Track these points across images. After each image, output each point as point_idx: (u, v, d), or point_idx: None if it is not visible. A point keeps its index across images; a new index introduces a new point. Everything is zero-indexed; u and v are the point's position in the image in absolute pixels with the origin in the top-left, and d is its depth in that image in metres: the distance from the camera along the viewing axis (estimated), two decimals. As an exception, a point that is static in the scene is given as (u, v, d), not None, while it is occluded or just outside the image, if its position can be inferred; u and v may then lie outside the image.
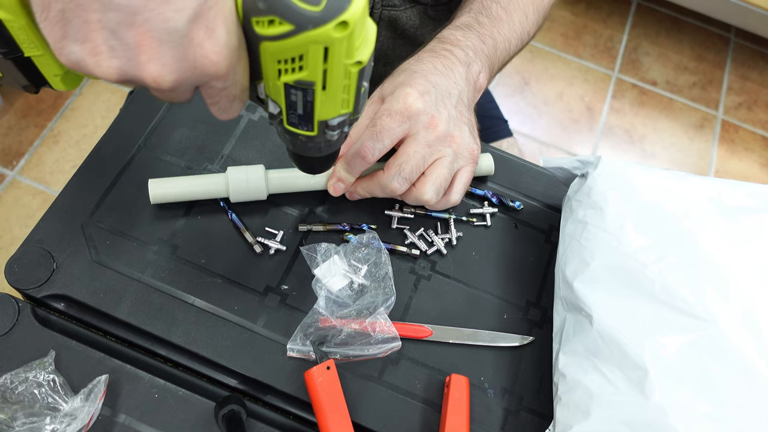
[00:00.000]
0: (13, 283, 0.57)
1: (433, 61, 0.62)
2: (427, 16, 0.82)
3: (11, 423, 0.50)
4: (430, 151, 0.59)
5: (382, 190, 0.60)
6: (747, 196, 0.57)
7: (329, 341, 0.57)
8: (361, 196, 0.63)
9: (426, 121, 0.59)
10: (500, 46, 0.68)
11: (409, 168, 0.58)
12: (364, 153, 0.58)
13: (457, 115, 0.61)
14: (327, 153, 0.49)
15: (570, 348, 0.54)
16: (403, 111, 0.58)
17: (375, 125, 0.58)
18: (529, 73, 2.01)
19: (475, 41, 0.65)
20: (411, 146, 0.58)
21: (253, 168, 0.62)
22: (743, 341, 0.49)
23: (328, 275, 0.60)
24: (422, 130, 0.59)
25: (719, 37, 2.17)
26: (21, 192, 1.61)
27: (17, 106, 1.72)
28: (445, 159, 0.60)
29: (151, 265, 0.60)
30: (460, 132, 0.60)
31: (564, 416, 0.52)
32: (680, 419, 0.47)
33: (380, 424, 0.56)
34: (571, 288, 0.56)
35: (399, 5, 0.79)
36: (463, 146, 0.61)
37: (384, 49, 0.84)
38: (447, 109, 0.60)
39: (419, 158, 0.58)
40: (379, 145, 0.58)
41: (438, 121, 0.59)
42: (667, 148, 1.95)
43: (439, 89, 0.60)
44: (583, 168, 0.62)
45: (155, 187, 0.61)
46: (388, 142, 0.58)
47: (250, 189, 0.61)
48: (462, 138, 0.61)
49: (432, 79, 0.60)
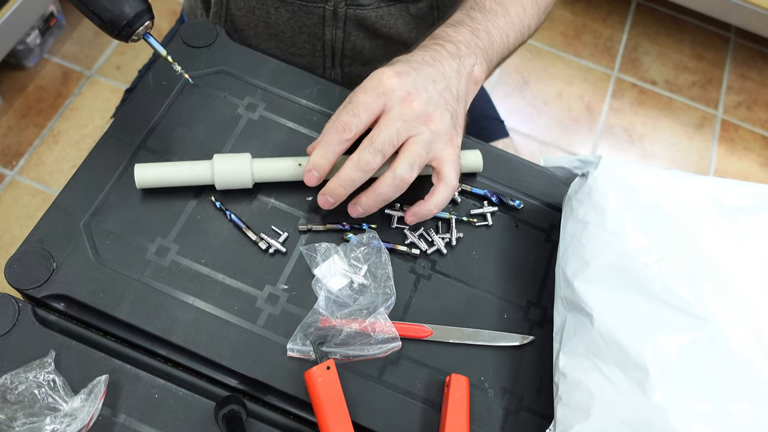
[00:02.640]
0: (13, 283, 0.57)
1: (422, 54, 0.62)
2: (409, 15, 0.82)
3: (11, 423, 0.50)
4: (405, 126, 0.57)
5: (356, 166, 0.57)
6: (747, 196, 0.57)
7: (329, 341, 0.57)
8: (334, 194, 0.59)
9: (401, 96, 0.58)
10: (497, 39, 0.67)
11: (381, 139, 0.56)
12: (341, 127, 0.57)
13: (440, 100, 0.60)
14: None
15: (570, 348, 0.54)
16: (377, 86, 0.58)
17: (350, 101, 0.58)
18: (528, 73, 2.01)
19: (467, 36, 0.64)
20: (384, 120, 0.57)
21: (239, 155, 0.62)
22: (744, 341, 0.49)
23: (328, 275, 0.60)
24: (397, 105, 0.57)
25: (719, 36, 2.17)
26: (21, 192, 1.61)
27: (17, 106, 1.72)
28: (420, 137, 0.58)
29: (151, 265, 0.60)
30: (440, 115, 0.59)
31: (564, 416, 0.52)
32: (681, 419, 0.47)
33: (380, 424, 0.56)
34: (571, 287, 0.56)
35: (366, 4, 0.78)
36: (441, 130, 0.59)
37: (359, 49, 0.84)
38: (428, 92, 0.59)
39: (392, 131, 0.57)
40: (355, 120, 0.57)
41: (414, 99, 0.58)
42: (667, 148, 1.95)
43: (421, 74, 0.59)
44: (584, 167, 0.62)
45: (141, 171, 0.61)
46: (365, 116, 0.57)
47: (236, 176, 0.61)
48: (442, 122, 0.59)
49: (415, 66, 0.60)
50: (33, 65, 1.78)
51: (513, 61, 2.01)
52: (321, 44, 0.83)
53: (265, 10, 0.80)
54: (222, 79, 0.70)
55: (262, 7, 0.80)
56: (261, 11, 0.80)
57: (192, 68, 0.70)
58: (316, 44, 0.83)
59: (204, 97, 0.69)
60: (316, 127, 0.69)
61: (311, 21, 0.80)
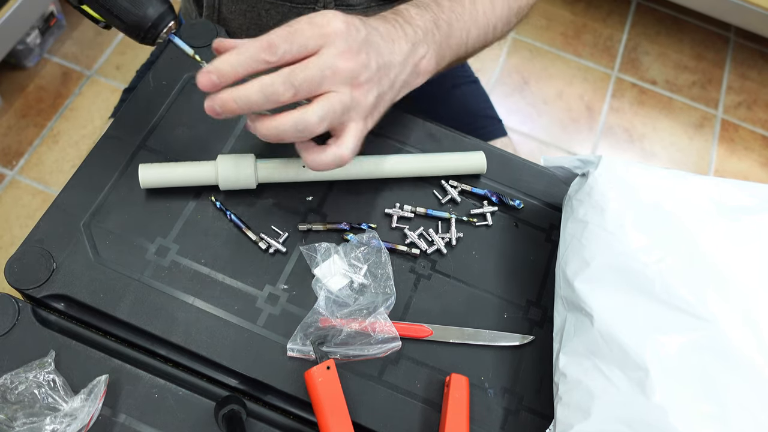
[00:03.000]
0: (13, 283, 0.57)
1: (379, 23, 0.57)
2: None
3: (11, 423, 0.50)
4: (332, 78, 0.52)
5: (261, 88, 0.51)
6: (747, 196, 0.57)
7: (329, 341, 0.57)
8: (226, 102, 0.52)
9: (341, 48, 0.52)
10: (455, 34, 0.63)
11: (303, 76, 0.51)
12: (267, 44, 0.51)
13: (376, 76, 0.55)
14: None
15: (570, 348, 0.54)
16: (324, 25, 0.52)
17: (291, 25, 0.52)
18: (528, 73, 2.01)
19: (428, 23, 0.60)
20: (315, 60, 0.51)
21: (243, 156, 0.62)
22: (744, 341, 0.49)
23: (328, 275, 0.60)
24: (334, 54, 0.52)
25: (719, 36, 2.17)
26: (21, 192, 1.61)
27: (17, 106, 1.72)
28: (340, 95, 0.53)
29: (151, 265, 0.60)
30: (368, 89, 0.54)
31: (564, 416, 0.52)
32: (681, 419, 0.47)
33: (380, 424, 0.56)
34: (571, 287, 0.56)
35: (356, 4, 0.77)
36: (363, 103, 0.54)
37: None
38: (368, 59, 0.54)
39: (317, 74, 0.51)
40: (285, 45, 0.51)
41: (353, 58, 0.53)
42: (667, 148, 1.95)
43: (371, 40, 0.54)
44: (584, 167, 0.62)
45: (145, 171, 0.61)
46: (296, 47, 0.51)
47: (240, 176, 0.61)
48: (367, 95, 0.54)
49: (369, 29, 0.55)
50: (33, 65, 1.78)
51: (513, 60, 2.01)
52: None
53: (256, 13, 0.80)
54: (222, 79, 0.70)
55: (253, 10, 0.80)
56: (252, 14, 0.80)
57: (192, 68, 0.70)
58: None
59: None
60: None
61: None
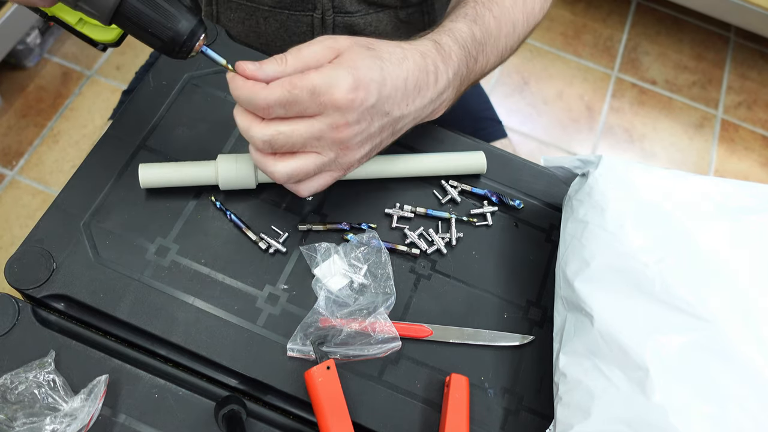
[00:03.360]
0: (13, 283, 0.57)
1: (414, 65, 0.55)
2: (398, 20, 0.81)
3: (11, 423, 0.50)
4: (316, 144, 0.53)
5: (245, 122, 0.52)
6: (747, 196, 0.57)
7: (329, 341, 0.57)
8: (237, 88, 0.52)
9: (337, 122, 0.52)
10: (477, 70, 0.63)
11: (283, 139, 0.52)
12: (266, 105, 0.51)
13: (376, 132, 0.55)
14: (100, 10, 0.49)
15: (571, 348, 0.54)
16: (323, 93, 0.51)
17: (291, 91, 0.51)
18: (528, 73, 2.01)
19: (461, 66, 0.59)
20: (302, 126, 0.52)
21: (244, 156, 0.62)
22: (744, 341, 0.49)
23: (328, 275, 0.60)
24: (326, 126, 0.52)
25: (719, 36, 2.17)
26: (21, 192, 1.61)
27: (17, 106, 1.72)
28: (320, 158, 0.54)
29: (151, 265, 0.60)
30: (358, 147, 0.55)
31: (564, 416, 0.52)
32: (681, 419, 0.47)
33: (380, 424, 0.56)
34: (571, 287, 0.56)
35: (355, 12, 0.78)
36: (347, 159, 0.55)
37: None
38: (369, 125, 0.54)
39: (298, 140, 0.52)
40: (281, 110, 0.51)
41: (345, 130, 0.52)
42: (667, 148, 1.95)
43: (381, 99, 0.53)
44: (584, 167, 0.62)
45: (145, 171, 0.61)
46: (292, 113, 0.52)
47: (240, 176, 0.61)
48: (354, 154, 0.55)
49: (389, 83, 0.53)
50: (33, 65, 1.78)
51: (513, 61, 2.01)
52: None
53: (255, 21, 0.80)
54: (222, 79, 0.70)
55: (252, 18, 0.80)
56: (250, 22, 0.80)
57: (192, 68, 0.70)
58: None
59: (204, 97, 0.69)
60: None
61: (300, 30, 0.80)
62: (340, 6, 0.77)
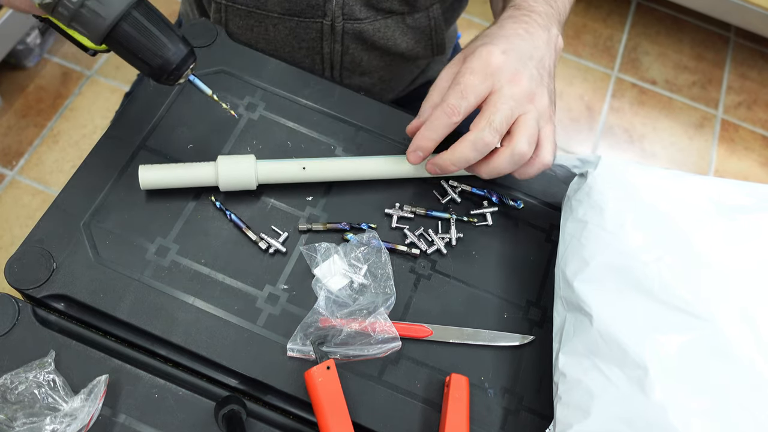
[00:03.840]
0: (13, 283, 0.57)
1: (515, 27, 0.62)
2: (405, 26, 0.82)
3: (11, 423, 0.50)
4: (516, 105, 0.58)
5: (473, 146, 0.57)
6: (746, 196, 0.57)
7: (329, 341, 0.57)
8: (446, 166, 0.59)
9: (509, 77, 0.58)
10: (561, 9, 0.69)
11: (499, 119, 0.57)
12: (450, 110, 0.57)
13: (539, 76, 0.61)
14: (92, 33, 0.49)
15: (570, 347, 0.54)
16: (485, 67, 0.58)
17: (459, 83, 0.58)
18: (528, 73, 2.01)
19: (545, 6, 0.66)
20: (497, 99, 0.57)
21: (244, 157, 0.62)
22: (742, 340, 0.49)
23: (328, 275, 0.60)
24: (506, 85, 0.58)
25: (719, 36, 2.17)
26: (21, 192, 1.61)
27: (17, 106, 1.72)
28: (530, 114, 0.59)
29: (151, 265, 0.60)
30: (541, 93, 0.60)
31: (564, 415, 0.52)
32: (680, 418, 0.47)
33: (380, 424, 0.56)
34: (571, 287, 0.56)
35: (364, 18, 0.79)
36: (543, 107, 0.60)
37: (357, 61, 0.84)
38: (529, 69, 0.60)
39: (507, 110, 0.57)
40: (464, 102, 0.57)
41: (521, 77, 0.58)
42: (667, 148, 1.95)
43: (520, 50, 0.60)
44: (583, 167, 0.62)
45: (145, 173, 0.61)
46: (473, 99, 0.58)
47: (240, 177, 0.61)
48: (543, 99, 0.60)
49: (514, 41, 0.60)
50: (33, 65, 1.78)
51: (513, 61, 2.01)
52: (320, 58, 0.83)
53: (264, 28, 0.80)
54: (222, 79, 0.70)
55: (261, 25, 0.80)
56: (259, 29, 0.81)
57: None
58: (315, 58, 0.83)
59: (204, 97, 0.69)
60: (316, 126, 0.69)
61: (309, 36, 0.80)
62: (350, 13, 0.77)
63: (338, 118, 0.70)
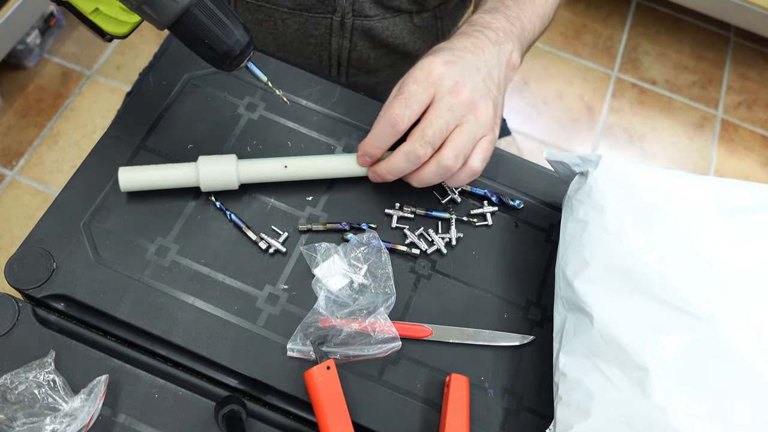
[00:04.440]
0: (13, 283, 0.57)
1: (463, 41, 0.63)
2: (413, 25, 0.82)
3: (11, 423, 0.50)
4: (453, 116, 0.59)
5: (406, 157, 0.59)
6: (747, 196, 0.57)
7: (329, 341, 0.57)
8: (384, 178, 0.62)
9: (450, 86, 0.59)
10: (527, 27, 0.69)
11: (432, 132, 0.58)
12: (393, 119, 0.58)
13: (484, 88, 0.61)
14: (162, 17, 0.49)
15: (570, 347, 0.54)
16: (427, 77, 0.59)
17: (402, 92, 0.59)
18: (528, 73, 2.01)
19: (503, 23, 0.66)
20: (434, 111, 0.58)
21: (224, 157, 0.62)
22: (744, 341, 0.49)
23: (328, 275, 0.60)
24: (446, 95, 0.59)
25: (719, 36, 2.17)
26: (21, 192, 1.61)
27: (17, 106, 1.72)
28: (466, 126, 0.59)
29: (151, 265, 0.60)
30: (484, 104, 0.60)
31: (564, 416, 0.52)
32: (681, 419, 0.47)
33: (380, 424, 0.56)
34: (571, 287, 0.56)
35: (374, 15, 0.79)
36: (485, 119, 0.60)
37: (364, 58, 0.84)
38: (473, 80, 0.60)
39: (442, 123, 0.58)
40: (408, 111, 0.58)
41: (462, 88, 0.59)
42: (667, 148, 1.95)
43: (466, 62, 0.61)
44: (583, 165, 0.62)
45: (125, 174, 0.60)
46: (417, 107, 0.58)
47: (221, 178, 0.61)
48: (486, 110, 0.60)
49: (459, 54, 0.61)
50: (33, 65, 1.78)
51: (513, 61, 2.01)
52: (327, 54, 0.83)
53: (273, 22, 0.80)
54: (222, 79, 0.70)
55: (270, 20, 0.80)
56: (268, 23, 0.81)
57: (192, 68, 0.70)
58: (322, 54, 0.83)
59: (204, 97, 0.69)
60: (316, 127, 0.69)
61: (318, 32, 0.81)
62: (360, 9, 0.78)
63: (338, 119, 0.70)
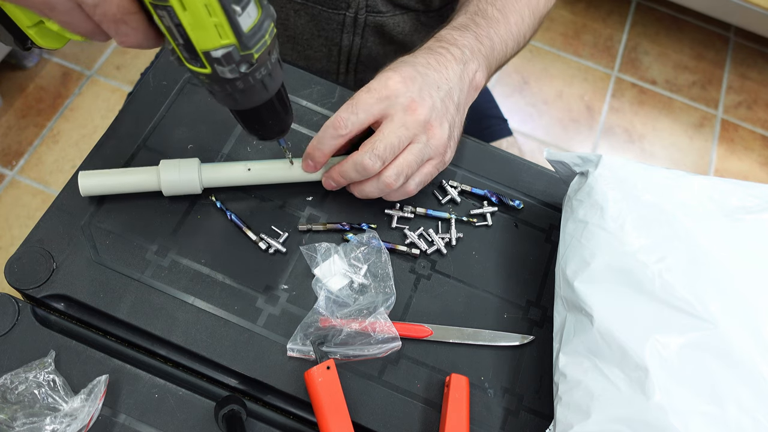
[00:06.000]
0: (13, 283, 0.57)
1: (427, 57, 0.62)
2: (419, 23, 0.83)
3: (11, 423, 0.50)
4: (407, 133, 0.58)
5: (354, 167, 0.58)
6: (747, 196, 0.57)
7: (329, 341, 0.57)
8: (336, 181, 0.61)
9: (405, 104, 0.58)
10: (497, 47, 0.68)
11: (383, 146, 0.57)
12: (337, 123, 0.57)
13: (442, 108, 0.60)
14: (246, 103, 0.49)
15: (570, 347, 0.54)
16: (381, 89, 0.58)
17: (353, 98, 0.58)
18: (528, 73, 2.01)
19: (471, 41, 0.65)
20: (387, 126, 0.57)
21: (187, 161, 0.61)
22: (744, 341, 0.49)
23: (328, 275, 0.60)
24: (400, 112, 0.58)
25: (719, 36, 2.17)
26: (20, 192, 1.61)
27: (17, 106, 1.72)
28: (416, 146, 0.58)
29: (151, 265, 0.60)
30: (439, 125, 0.59)
31: (564, 416, 0.52)
32: (681, 419, 0.47)
33: (380, 424, 0.56)
34: (571, 287, 0.56)
35: (386, 12, 0.79)
36: (438, 142, 0.59)
37: (373, 55, 0.84)
38: (432, 99, 0.59)
39: (394, 138, 0.57)
40: (353, 117, 0.57)
41: (418, 106, 0.58)
42: (667, 148, 1.95)
43: (426, 80, 0.59)
44: (583, 165, 0.61)
45: (85, 180, 0.60)
46: (363, 115, 0.57)
47: (183, 182, 0.60)
48: (440, 132, 0.60)
49: (421, 70, 0.60)
50: (33, 65, 1.78)
51: (513, 61, 2.00)
52: (337, 49, 0.83)
53: (284, 14, 0.80)
54: (222, 79, 0.70)
55: (281, 11, 0.80)
56: (281, 15, 0.81)
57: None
58: (332, 49, 0.83)
59: (204, 97, 0.69)
60: (316, 127, 0.69)
61: (330, 26, 0.81)
62: (373, 5, 0.78)
63: (338, 118, 0.70)
